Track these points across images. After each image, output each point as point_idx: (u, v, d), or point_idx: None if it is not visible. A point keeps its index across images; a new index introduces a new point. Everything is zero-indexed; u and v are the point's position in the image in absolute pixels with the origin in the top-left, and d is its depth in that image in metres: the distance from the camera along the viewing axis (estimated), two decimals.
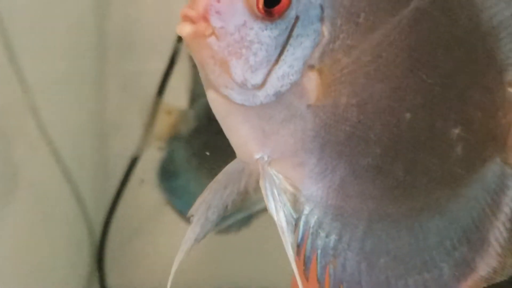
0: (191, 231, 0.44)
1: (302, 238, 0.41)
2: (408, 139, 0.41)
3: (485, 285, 0.45)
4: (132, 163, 1.20)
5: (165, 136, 0.88)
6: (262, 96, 0.39)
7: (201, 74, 0.39)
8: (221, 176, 0.43)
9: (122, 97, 1.29)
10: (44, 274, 1.10)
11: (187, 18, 0.37)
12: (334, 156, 0.40)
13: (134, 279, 1.32)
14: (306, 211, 0.41)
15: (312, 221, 0.41)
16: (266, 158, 0.40)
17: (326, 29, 0.38)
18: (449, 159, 0.43)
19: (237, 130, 0.40)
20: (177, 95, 1.24)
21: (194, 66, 0.85)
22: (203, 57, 0.38)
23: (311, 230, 0.41)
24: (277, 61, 0.38)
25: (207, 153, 0.80)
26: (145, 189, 1.29)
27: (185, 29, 0.37)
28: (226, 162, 0.84)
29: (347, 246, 0.41)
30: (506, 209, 0.45)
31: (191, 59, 0.85)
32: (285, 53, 0.38)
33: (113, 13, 1.29)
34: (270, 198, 0.40)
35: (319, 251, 0.41)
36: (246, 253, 0.90)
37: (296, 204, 0.41)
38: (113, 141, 1.30)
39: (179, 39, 1.15)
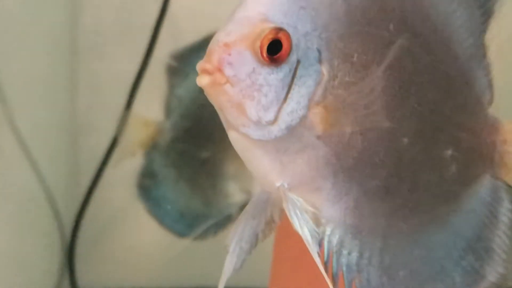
0: (229, 261, 0.48)
1: (328, 257, 0.45)
2: (408, 161, 0.47)
3: None
4: (103, 162, 1.22)
5: (143, 147, 0.90)
6: (275, 130, 0.44)
7: (221, 117, 0.44)
8: (249, 207, 0.48)
9: (93, 98, 1.30)
10: (15, 271, 1.11)
11: (204, 71, 0.42)
12: (346, 180, 0.46)
13: (104, 276, 1.33)
14: (328, 232, 0.46)
15: (335, 240, 0.46)
16: (286, 186, 0.45)
17: (325, 69, 0.44)
18: (445, 177, 0.48)
19: (258, 163, 0.45)
20: (149, 99, 1.26)
21: (169, 79, 0.88)
22: (221, 102, 0.43)
23: (334, 249, 0.46)
24: (285, 99, 0.44)
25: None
26: (116, 189, 1.31)
27: (204, 80, 0.42)
28: (202, 171, 0.87)
29: (368, 262, 0.46)
30: (504, 219, 0.51)
31: (167, 72, 0.87)
32: (292, 92, 0.44)
33: (85, 14, 1.29)
34: (294, 217, 0.45)
35: (344, 268, 0.46)
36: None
37: (317, 222, 0.46)
38: (84, 141, 1.31)
39: (151, 42, 1.17)
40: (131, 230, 1.33)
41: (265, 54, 0.43)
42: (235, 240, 0.47)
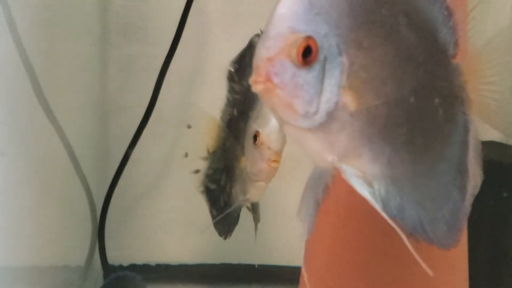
0: (302, 228, 0.57)
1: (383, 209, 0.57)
2: (415, 115, 0.58)
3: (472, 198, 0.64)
4: (133, 142, 1.25)
5: (213, 147, 0.94)
6: (319, 118, 0.53)
7: (274, 115, 0.54)
8: (308, 182, 0.58)
9: (123, 80, 1.33)
10: (48, 247, 1.15)
11: (256, 82, 0.51)
12: (379, 142, 0.56)
13: (133, 252, 1.38)
14: (376, 187, 0.56)
15: (383, 192, 0.56)
16: (336, 159, 0.55)
17: (345, 59, 0.53)
18: (438, 121, 0.60)
19: (311, 147, 0.55)
20: (178, 82, 1.29)
21: (228, 83, 0.92)
22: (274, 104, 0.52)
23: (384, 200, 0.56)
24: (321, 91, 0.53)
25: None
26: (145, 168, 1.34)
27: (258, 88, 0.51)
28: (235, 170, 0.90)
29: (405, 202, 0.57)
30: (471, 143, 0.63)
31: (227, 77, 0.91)
32: (325, 84, 0.53)
33: None
34: (355, 183, 0.55)
35: (395, 212, 0.57)
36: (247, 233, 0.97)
37: (368, 183, 0.57)
38: (114, 121, 1.34)
39: (180, 25, 1.19)
40: (159, 208, 1.37)
41: (300, 59, 0.51)
42: (303, 210, 0.57)
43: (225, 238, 0.97)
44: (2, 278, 1.01)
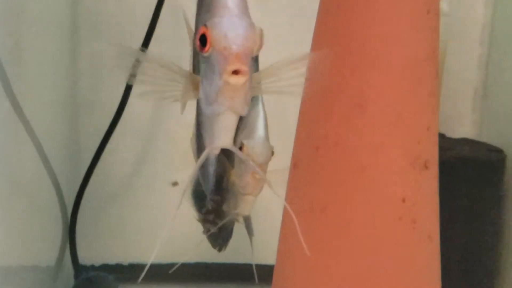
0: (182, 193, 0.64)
1: None
2: None
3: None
4: (105, 139, 1.24)
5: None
6: (247, 108, 0.55)
7: (224, 103, 0.53)
8: (201, 159, 0.61)
9: (94, 77, 1.31)
10: (16, 247, 1.12)
11: (238, 72, 0.51)
12: None
13: (105, 252, 1.36)
14: None
15: None
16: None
17: None
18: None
19: (230, 132, 0.57)
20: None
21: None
22: (239, 93, 0.52)
23: None
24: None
25: None
26: (117, 166, 1.33)
27: (241, 80, 0.51)
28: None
29: None
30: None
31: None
32: None
33: None
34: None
35: None
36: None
37: None
38: (85, 119, 1.32)
39: (152, 22, 1.18)
40: (132, 207, 1.36)
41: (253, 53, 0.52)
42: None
43: (219, 251, 0.96)
44: None
